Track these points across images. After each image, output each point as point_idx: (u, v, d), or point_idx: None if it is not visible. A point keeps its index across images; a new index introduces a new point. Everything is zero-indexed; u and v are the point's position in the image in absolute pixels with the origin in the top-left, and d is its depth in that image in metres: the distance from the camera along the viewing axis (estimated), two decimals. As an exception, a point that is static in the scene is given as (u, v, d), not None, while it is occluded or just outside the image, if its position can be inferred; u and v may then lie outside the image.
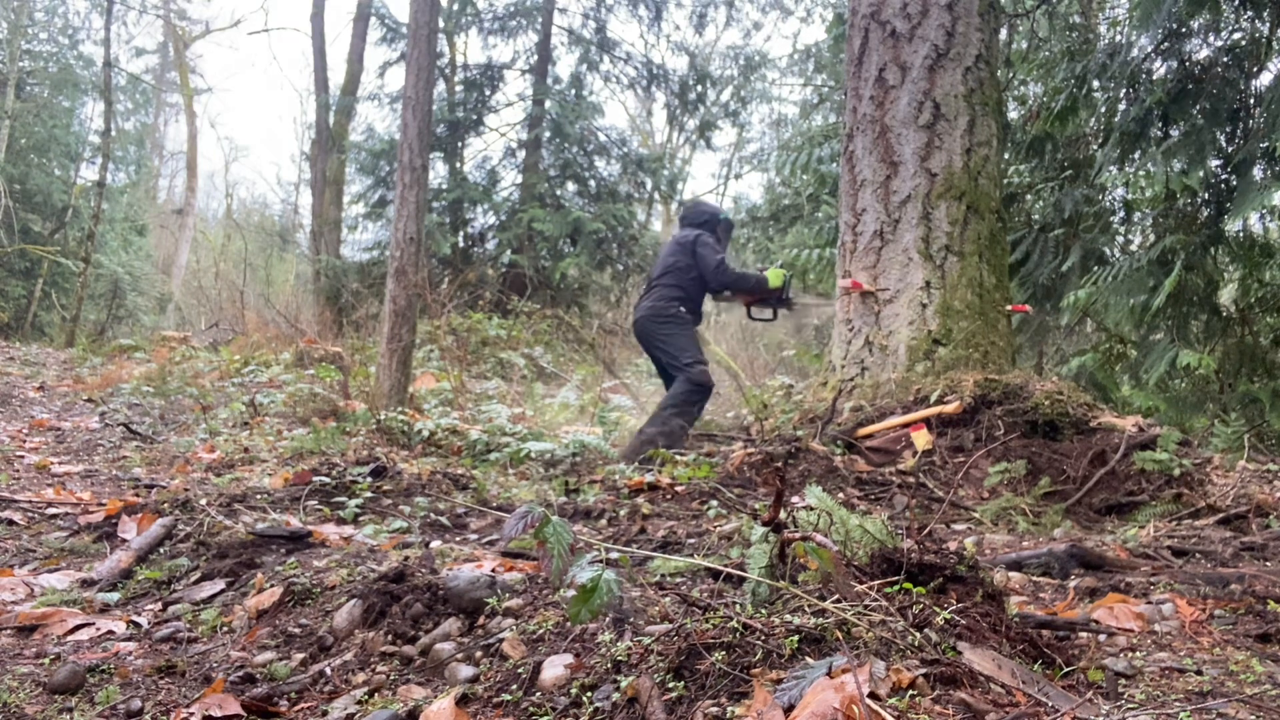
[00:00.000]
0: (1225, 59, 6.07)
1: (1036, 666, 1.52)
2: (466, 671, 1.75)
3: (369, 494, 3.68)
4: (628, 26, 68.11)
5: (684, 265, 5.48)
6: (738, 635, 1.48)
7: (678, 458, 4.61)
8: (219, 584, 2.56)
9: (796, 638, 1.45)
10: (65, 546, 3.15)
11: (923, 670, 1.35)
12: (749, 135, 21.04)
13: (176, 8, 26.99)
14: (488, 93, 15.13)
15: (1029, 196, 7.74)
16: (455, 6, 14.48)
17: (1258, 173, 5.80)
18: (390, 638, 1.99)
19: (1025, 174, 7.78)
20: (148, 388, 7.83)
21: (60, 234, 18.70)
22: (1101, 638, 1.79)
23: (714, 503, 3.64)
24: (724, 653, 1.45)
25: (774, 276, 5.51)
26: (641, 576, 2.24)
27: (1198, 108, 6.02)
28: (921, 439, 4.26)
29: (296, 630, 2.13)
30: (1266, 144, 5.57)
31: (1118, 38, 7.20)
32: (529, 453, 4.73)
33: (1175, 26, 6.21)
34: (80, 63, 20.67)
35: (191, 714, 1.73)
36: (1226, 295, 7.08)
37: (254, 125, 58.17)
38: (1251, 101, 6.03)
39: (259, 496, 3.55)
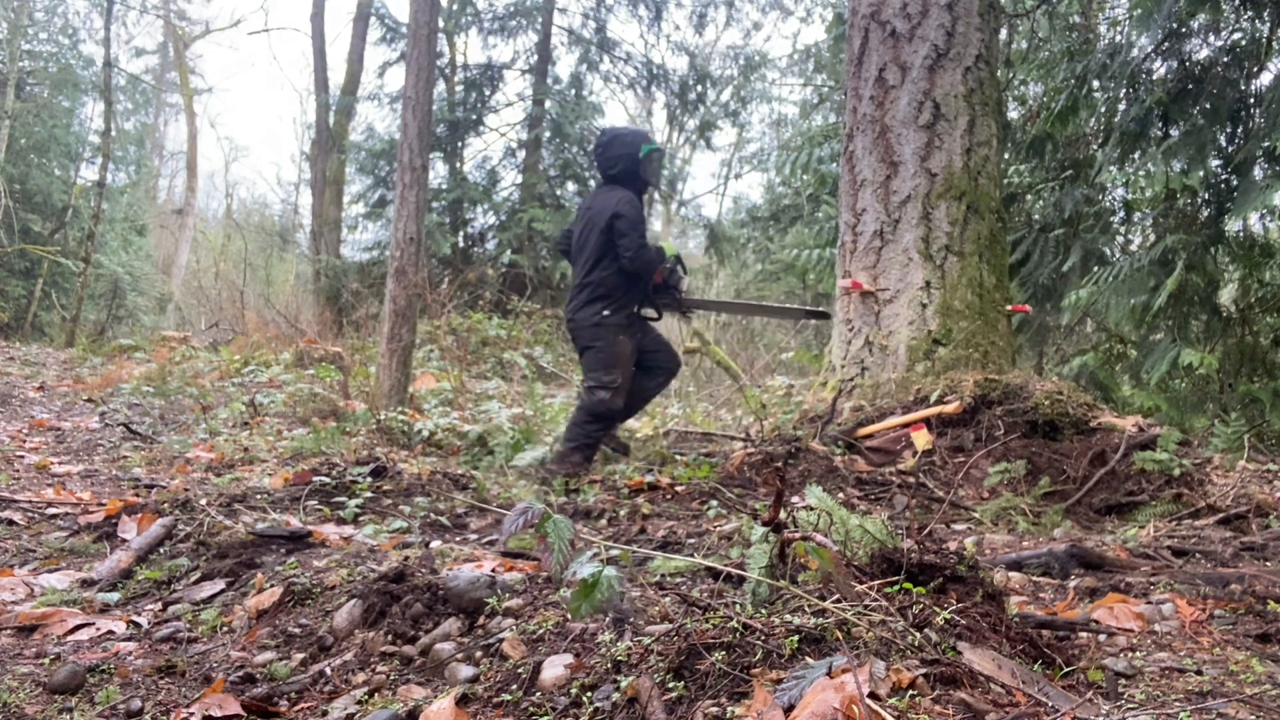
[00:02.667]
0: (1225, 59, 6.07)
1: (1036, 666, 1.52)
2: (466, 671, 1.75)
3: (369, 494, 3.68)
4: (628, 26, 68.15)
5: (605, 254, 4.53)
6: (738, 635, 1.48)
7: (678, 456, 4.61)
8: (219, 584, 2.56)
9: (796, 638, 1.45)
10: (65, 546, 3.15)
11: (923, 670, 1.35)
12: (749, 135, 21.04)
13: (176, 8, 27.00)
14: (488, 93, 15.13)
15: (1029, 196, 7.74)
16: (455, 6, 14.48)
17: (1258, 173, 5.80)
18: (390, 638, 1.99)
19: (1025, 174, 7.78)
20: (148, 388, 7.83)
21: (60, 234, 18.70)
22: (1101, 638, 1.79)
23: (714, 503, 3.64)
24: (724, 653, 1.45)
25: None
26: (641, 576, 2.24)
27: (1198, 108, 6.02)
28: (921, 439, 4.26)
29: (296, 630, 2.13)
30: (1267, 144, 5.58)
31: (1118, 38, 7.20)
32: (516, 460, 4.71)
33: (1175, 26, 6.21)
34: (80, 63, 20.67)
35: (191, 714, 1.73)
36: (1226, 295, 7.08)
37: (254, 125, 58.19)
38: (1251, 101, 6.03)
39: (259, 496, 3.55)
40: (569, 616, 1.88)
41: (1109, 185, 7.21)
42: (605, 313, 4.54)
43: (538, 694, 1.60)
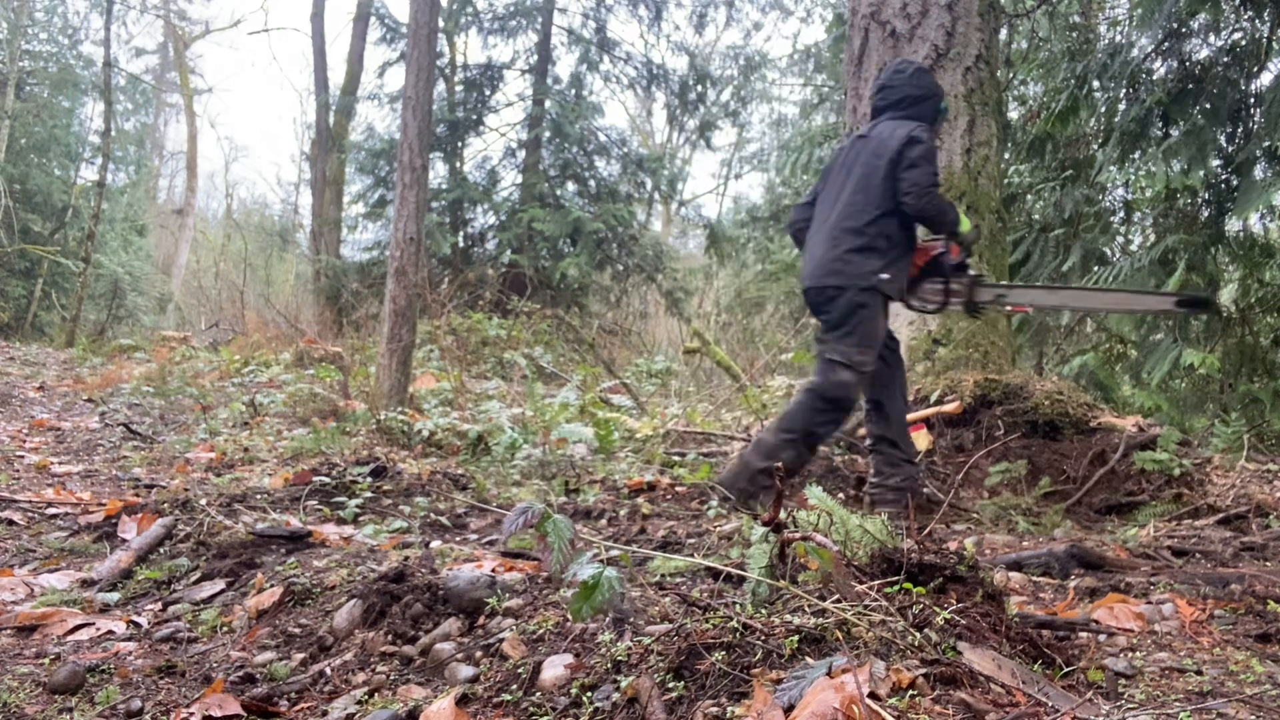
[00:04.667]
0: (1225, 59, 6.07)
1: (1036, 666, 1.52)
2: (466, 671, 1.75)
3: (369, 494, 3.68)
4: (628, 26, 68.18)
5: (887, 189, 3.47)
6: (738, 635, 1.48)
7: (676, 457, 4.59)
8: (219, 584, 2.56)
9: (796, 638, 1.45)
10: (65, 546, 3.15)
11: (923, 670, 1.35)
12: (749, 135, 21.05)
13: (176, 8, 27.00)
14: (488, 93, 15.13)
15: (1029, 196, 7.74)
16: (455, 6, 14.48)
17: (1259, 172, 5.80)
18: (390, 638, 1.99)
19: (1025, 174, 7.78)
20: (148, 388, 7.83)
21: (60, 234, 18.71)
22: (1101, 638, 1.79)
23: (714, 503, 3.63)
24: (724, 653, 1.45)
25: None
26: (641, 576, 2.24)
27: (1198, 108, 6.02)
28: (921, 439, 4.26)
29: (296, 630, 2.13)
30: (1268, 144, 5.58)
31: (1118, 38, 7.20)
32: (517, 457, 4.69)
33: (1175, 26, 6.21)
34: (80, 63, 20.69)
35: (191, 714, 1.73)
36: (1226, 295, 7.09)
37: (254, 125, 58.17)
38: (1251, 101, 6.03)
39: (259, 496, 3.55)
40: (569, 616, 1.88)
41: (1109, 185, 7.21)
42: (884, 275, 3.48)
43: (538, 694, 1.60)
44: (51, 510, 3.66)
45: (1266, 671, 1.59)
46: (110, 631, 2.28)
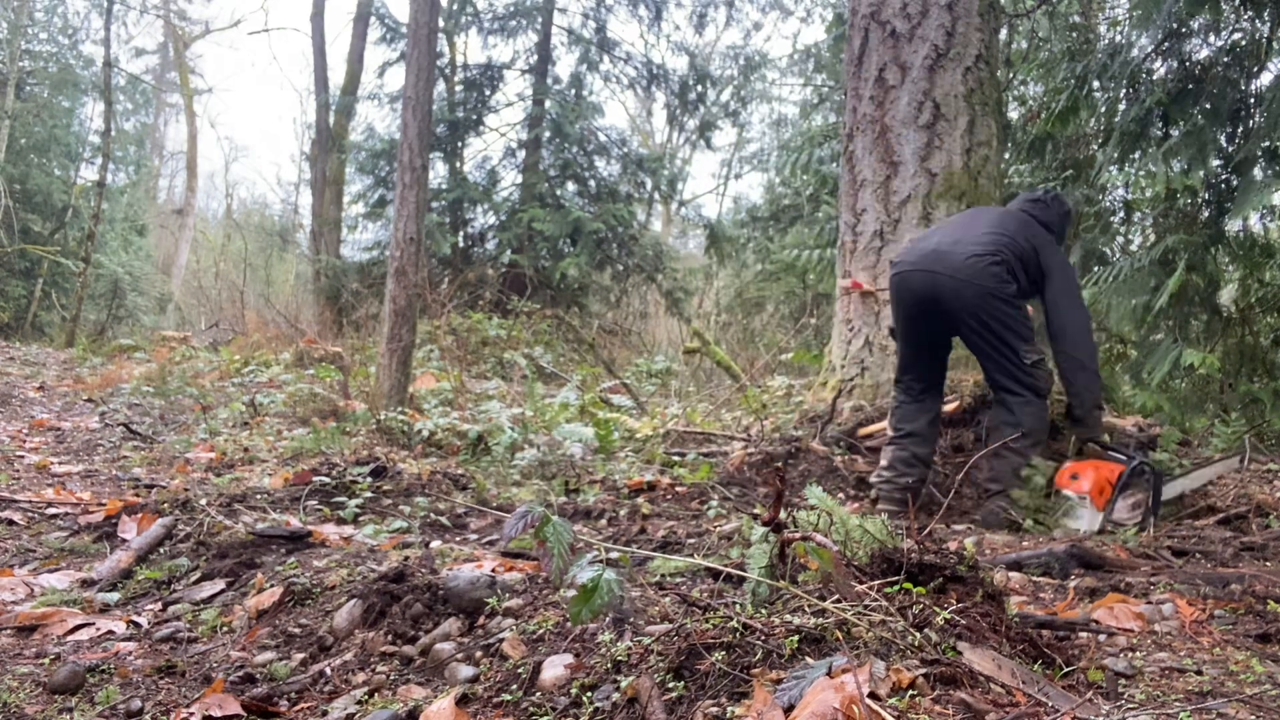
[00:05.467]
0: (1225, 59, 6.06)
1: (1036, 666, 1.52)
2: (466, 671, 1.75)
3: (369, 494, 3.68)
4: (628, 26, 68.18)
5: (1023, 266, 3.55)
6: (738, 635, 1.48)
7: (675, 457, 4.59)
8: (219, 584, 2.56)
9: (796, 638, 1.45)
10: (65, 546, 3.15)
11: (923, 670, 1.35)
12: (749, 135, 21.05)
13: (176, 8, 26.99)
14: (488, 93, 15.13)
15: (1029, 196, 7.73)
16: (455, 6, 14.48)
17: (1258, 172, 5.79)
18: (390, 638, 1.99)
19: (1025, 174, 7.78)
20: (148, 388, 7.83)
21: (60, 234, 18.71)
22: (1101, 638, 1.79)
23: (714, 503, 3.64)
24: (724, 653, 1.45)
25: None
26: (641, 576, 2.24)
27: (1198, 108, 6.01)
28: (922, 439, 4.25)
29: (296, 630, 2.13)
30: (1267, 143, 5.57)
31: (1118, 38, 7.20)
32: (517, 457, 4.67)
33: (1175, 26, 6.20)
34: (80, 63, 20.70)
35: (191, 714, 1.73)
36: (1226, 295, 7.09)
37: (254, 125, 58.20)
38: (1251, 101, 6.03)
39: (259, 496, 3.55)
40: (569, 617, 1.88)
41: (1109, 185, 7.21)
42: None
43: (538, 694, 1.60)
44: (51, 510, 3.66)
45: (1266, 671, 1.59)
46: (110, 631, 2.28)
